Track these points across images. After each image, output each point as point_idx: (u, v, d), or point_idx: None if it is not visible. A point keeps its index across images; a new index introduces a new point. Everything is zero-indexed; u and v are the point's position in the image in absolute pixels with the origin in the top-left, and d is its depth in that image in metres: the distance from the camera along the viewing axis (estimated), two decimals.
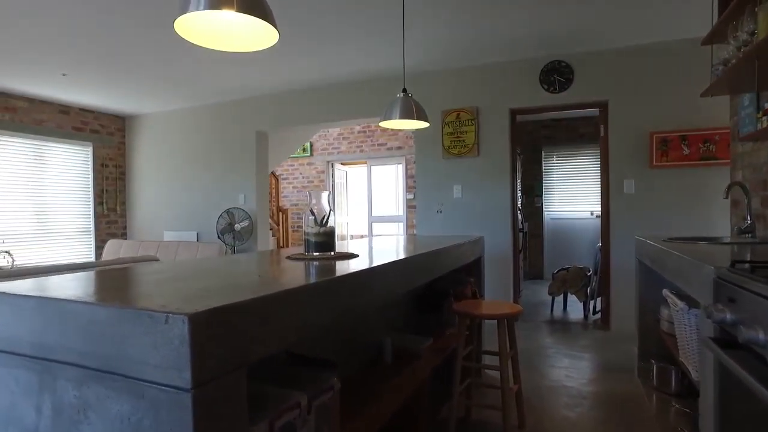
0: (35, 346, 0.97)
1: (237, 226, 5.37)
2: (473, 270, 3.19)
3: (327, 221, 1.88)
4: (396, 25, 3.71)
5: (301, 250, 2.13)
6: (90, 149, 6.41)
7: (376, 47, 4.21)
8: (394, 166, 8.79)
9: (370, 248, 2.31)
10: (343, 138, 8.43)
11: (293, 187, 8.75)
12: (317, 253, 1.84)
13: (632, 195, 4.24)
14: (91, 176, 6.43)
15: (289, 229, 7.89)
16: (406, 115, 2.81)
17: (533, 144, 7.49)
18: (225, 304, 0.87)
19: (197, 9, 1.39)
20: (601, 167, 4.53)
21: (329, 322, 1.24)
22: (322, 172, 8.56)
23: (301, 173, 8.70)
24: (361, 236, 9.55)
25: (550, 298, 5.30)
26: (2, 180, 5.53)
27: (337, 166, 8.82)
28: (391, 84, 5.09)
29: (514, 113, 4.72)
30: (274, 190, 8.39)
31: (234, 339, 0.89)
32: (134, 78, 4.94)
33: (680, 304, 1.98)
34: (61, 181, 6.12)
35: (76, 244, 6.26)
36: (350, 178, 9.52)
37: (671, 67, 4.11)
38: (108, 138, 6.60)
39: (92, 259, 6.39)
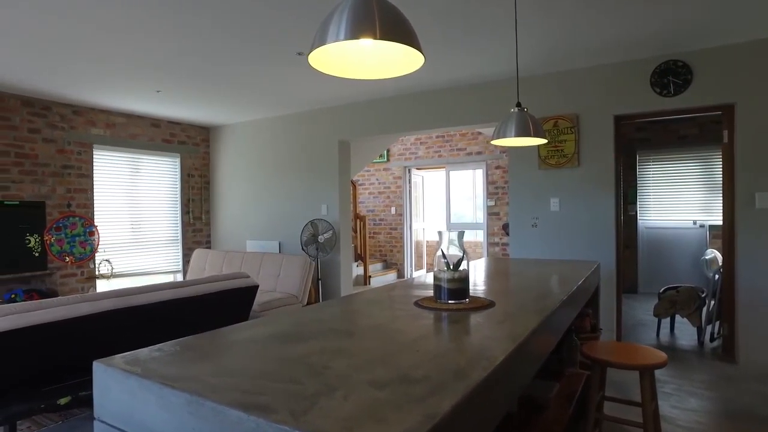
0: None
1: (320, 238, 5.32)
2: (591, 300, 2.88)
3: (460, 264, 1.68)
4: (490, 31, 3.45)
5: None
6: (178, 160, 6.62)
7: (470, 55, 3.96)
8: (470, 171, 8.49)
9: (486, 283, 2.08)
10: (421, 143, 8.23)
11: (369, 193, 8.67)
12: (452, 302, 1.64)
13: (766, 210, 3.73)
14: (178, 186, 6.64)
15: (367, 236, 7.80)
16: (522, 132, 2.55)
17: (626, 147, 6.93)
18: None
19: (336, 40, 1.23)
20: (724, 177, 4.03)
21: None
22: (399, 177, 8.41)
23: (377, 179, 8.60)
24: (437, 242, 9.32)
25: (648, 316, 4.84)
26: (103, 192, 5.80)
27: (413, 170, 8.63)
28: (480, 91, 4.82)
29: (618, 120, 4.31)
30: (351, 197, 8.36)
31: None
32: (220, 90, 4.99)
33: None
34: (152, 192, 6.35)
35: (165, 252, 6.48)
36: (426, 182, 9.31)
37: None
38: (194, 148, 6.79)
39: (180, 267, 6.60)
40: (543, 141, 2.65)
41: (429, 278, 2.36)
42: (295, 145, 6.07)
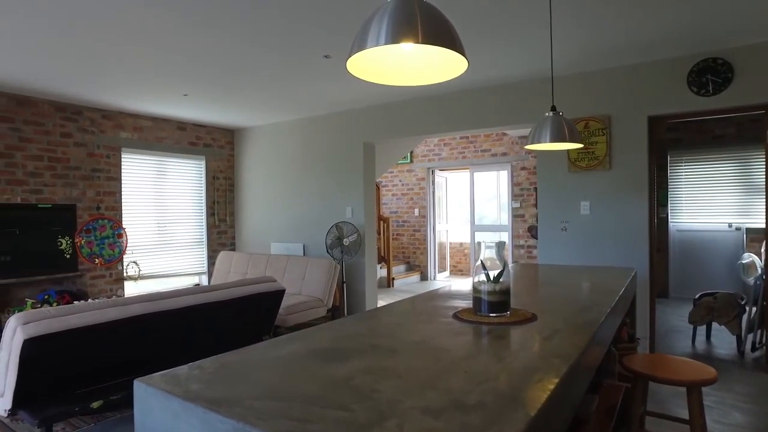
0: None
1: (345, 241, 5.29)
2: (628, 309, 2.78)
3: (501, 276, 1.62)
4: (520, 32, 3.37)
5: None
6: (203, 162, 6.67)
7: (497, 56, 3.88)
8: (494, 172, 8.38)
9: (523, 293, 2.01)
10: (444, 144, 8.15)
11: (392, 195, 8.62)
12: (493, 315, 1.59)
13: None
14: (203, 188, 6.69)
15: (390, 238, 7.76)
16: (558, 136, 2.47)
17: (657, 148, 6.73)
18: None
19: (377, 44, 1.18)
20: (766, 177, 3.86)
21: None
22: (422, 179, 8.35)
23: (400, 180, 8.55)
24: (460, 243, 9.23)
25: (681, 322, 4.68)
26: (131, 195, 5.88)
27: (437, 172, 8.56)
28: (508, 92, 4.73)
29: (652, 121, 4.18)
30: (375, 199, 8.33)
31: None
32: (245, 93, 5.00)
33: None
34: (178, 194, 6.42)
35: (191, 254, 6.54)
36: (450, 183, 9.23)
37: None
38: (219, 151, 6.84)
39: (205, 268, 6.65)
40: (579, 145, 2.56)
41: (464, 286, 2.30)
42: (320, 147, 6.06)
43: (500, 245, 1.65)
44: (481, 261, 1.66)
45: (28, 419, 2.52)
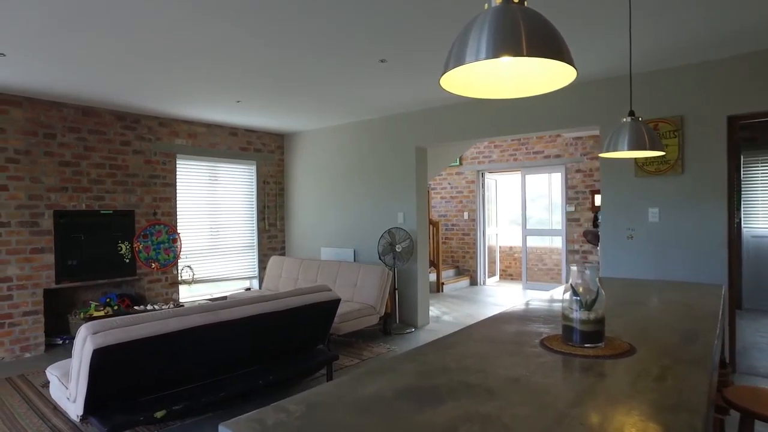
0: None
1: (398, 247, 5.20)
2: None
3: (595, 304, 1.48)
4: (587, 29, 3.17)
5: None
6: (254, 167, 6.74)
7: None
8: (546, 174, 8.09)
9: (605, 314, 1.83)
10: (495, 146, 7.93)
11: (441, 198, 8.47)
12: (588, 345, 1.44)
13: None
14: (254, 193, 6.76)
15: (439, 242, 7.62)
16: (637, 144, 2.28)
17: None
18: None
19: (476, 59, 1.07)
20: None
21: None
22: (472, 182, 8.16)
23: (449, 183, 8.39)
24: (510, 248, 8.98)
25: (761, 338, 4.33)
26: (185, 200, 6.00)
27: (486, 174, 8.35)
28: (568, 93, 4.50)
29: (732, 120, 3.86)
30: (427, 204, 8.23)
31: None
32: (298, 98, 4.99)
33: None
34: (230, 199, 6.51)
35: (242, 258, 6.62)
36: (499, 186, 8.99)
37: None
38: (269, 156, 6.89)
39: (256, 273, 6.72)
40: (661, 153, 2.36)
41: (536, 303, 2.15)
42: (371, 151, 5.99)
43: (594, 270, 1.50)
44: (571, 285, 1.52)
45: (98, 426, 2.57)
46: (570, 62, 1.09)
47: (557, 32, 1.10)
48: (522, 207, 7.88)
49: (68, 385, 2.74)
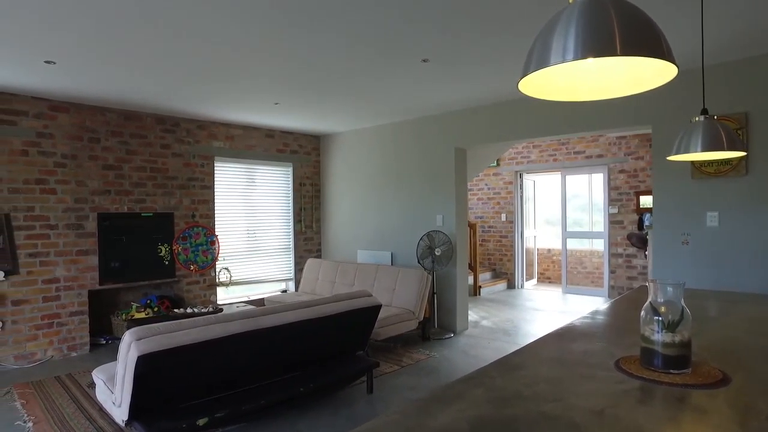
0: None
1: (437, 251, 5.08)
2: None
3: (679, 324, 1.34)
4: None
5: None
6: (290, 169, 6.74)
7: None
8: (586, 175, 7.82)
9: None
10: (534, 146, 7.71)
11: (478, 199, 8.30)
12: (674, 371, 1.31)
13: None
14: (291, 195, 6.75)
15: (477, 243, 7.45)
16: (713, 145, 2.10)
17: None
18: None
19: (563, 60, 0.96)
20: None
21: None
22: (510, 183, 7.96)
23: (486, 184, 8.21)
24: (548, 250, 8.73)
25: None
26: (223, 202, 6.04)
27: (525, 175, 8.13)
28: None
29: None
30: (466, 207, 8.09)
31: None
32: (336, 100, 4.93)
33: None
34: (267, 201, 6.52)
35: (278, 260, 6.62)
36: (538, 187, 8.75)
37: None
38: (305, 157, 6.88)
39: (292, 275, 6.71)
40: (741, 153, 2.17)
41: (595, 316, 2.01)
42: (408, 152, 5.89)
43: (678, 286, 1.36)
44: (651, 303, 1.39)
45: (142, 431, 2.56)
46: (670, 59, 0.97)
47: (655, 26, 0.97)
48: (562, 208, 7.64)
49: (113, 390, 2.75)
